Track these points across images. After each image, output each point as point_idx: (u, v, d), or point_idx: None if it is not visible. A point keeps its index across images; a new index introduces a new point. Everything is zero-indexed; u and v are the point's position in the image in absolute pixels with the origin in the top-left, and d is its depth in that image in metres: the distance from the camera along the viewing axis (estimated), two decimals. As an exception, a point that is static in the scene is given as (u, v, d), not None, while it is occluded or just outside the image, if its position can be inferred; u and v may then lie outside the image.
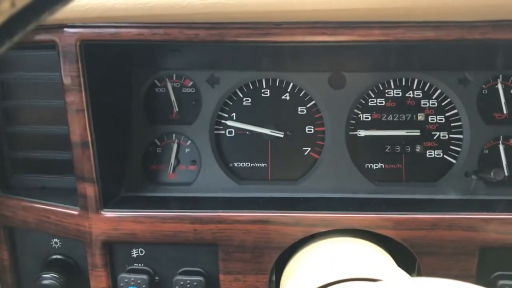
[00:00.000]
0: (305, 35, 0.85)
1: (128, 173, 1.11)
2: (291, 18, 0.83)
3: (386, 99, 1.15)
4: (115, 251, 1.00)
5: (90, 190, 0.95)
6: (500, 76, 1.12)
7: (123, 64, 1.08)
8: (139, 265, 1.00)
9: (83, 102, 0.90)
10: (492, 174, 1.01)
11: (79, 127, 0.92)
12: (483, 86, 1.12)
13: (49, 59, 0.95)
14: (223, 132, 1.16)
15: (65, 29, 0.87)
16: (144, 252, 1.00)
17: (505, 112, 1.12)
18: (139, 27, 0.86)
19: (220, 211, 0.96)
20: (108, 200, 0.99)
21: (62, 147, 1.01)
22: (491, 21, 0.82)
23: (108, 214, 0.96)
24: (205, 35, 0.85)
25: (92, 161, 0.94)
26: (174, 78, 1.15)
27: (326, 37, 0.85)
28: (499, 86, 1.12)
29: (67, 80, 0.90)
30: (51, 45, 0.90)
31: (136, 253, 1.00)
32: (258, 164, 1.15)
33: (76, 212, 0.98)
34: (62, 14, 0.82)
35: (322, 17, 0.83)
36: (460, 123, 1.13)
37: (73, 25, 0.87)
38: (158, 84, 1.15)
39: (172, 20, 0.84)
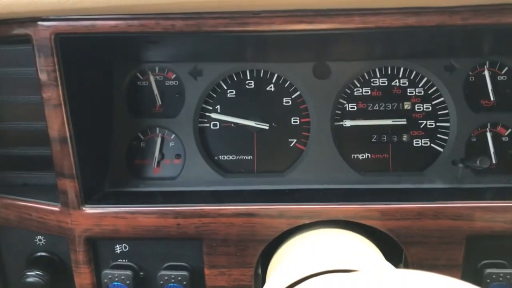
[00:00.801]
0: (284, 24, 0.83)
1: (111, 168, 1.10)
2: (269, 7, 0.81)
3: (372, 88, 1.13)
4: (98, 247, 0.99)
5: (70, 186, 0.94)
6: (487, 63, 1.11)
7: (102, 58, 1.07)
8: (123, 260, 0.99)
9: (60, 97, 0.89)
10: (478, 162, 1.00)
11: (57, 123, 0.90)
12: (470, 73, 1.11)
13: (26, 54, 0.93)
14: (208, 125, 1.14)
15: (39, 23, 0.85)
16: (127, 247, 0.98)
17: (492, 99, 1.11)
18: (114, 19, 0.84)
19: (203, 204, 0.94)
20: (89, 196, 0.98)
21: (43, 143, 0.99)
22: (472, 6, 0.81)
23: (90, 210, 0.95)
24: (182, 25, 0.83)
25: (72, 157, 0.92)
26: (157, 71, 1.14)
27: (305, 26, 0.83)
28: (486, 73, 1.10)
29: (43, 75, 0.88)
30: (27, 40, 0.88)
31: (119, 249, 0.99)
32: (244, 157, 1.14)
33: (57, 209, 0.96)
34: (35, 6, 0.81)
35: (301, 5, 0.81)
36: (447, 111, 1.12)
37: (47, 18, 0.85)
38: (141, 77, 1.14)
39: (148, 11, 0.82)
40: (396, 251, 0.95)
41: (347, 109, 1.13)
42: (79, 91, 0.94)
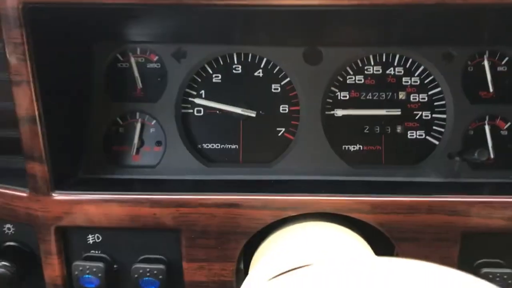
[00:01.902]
0: (272, -2, 0.77)
1: (87, 154, 1.04)
2: (255, -21, 0.76)
3: (365, 76, 1.07)
4: (69, 236, 0.93)
5: (39, 170, 0.88)
6: (487, 52, 1.05)
7: (79, 34, 1.00)
8: (96, 252, 0.93)
9: (28, 73, 0.82)
10: (476, 154, 0.95)
11: (25, 101, 0.84)
12: (469, 62, 1.06)
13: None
14: (191, 111, 1.08)
15: (6, -10, 0.79)
16: (101, 238, 0.92)
17: (491, 90, 1.05)
18: (88, -12, 0.78)
19: (182, 193, 0.89)
20: (60, 181, 0.92)
21: (11, 124, 0.92)
22: (474, -16, 0.75)
23: (60, 196, 0.89)
24: (161, -4, 0.77)
25: (41, 138, 0.86)
26: (138, 53, 1.07)
27: (294, 0, 0.77)
28: (485, 63, 1.05)
29: (9, 48, 0.81)
30: (-8, 10, 0.81)
31: (92, 239, 0.93)
32: (229, 146, 1.08)
33: (25, 194, 0.90)
34: (1, -28, 0.74)
35: (291, -22, 0.75)
36: (443, 102, 1.06)
37: (14, -14, 0.78)
38: (121, 59, 1.07)
39: (125, -20, 0.76)
40: (387, 248, 0.89)
41: (338, 98, 1.07)
42: (51, 68, 0.88)
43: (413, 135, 1.07)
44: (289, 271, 0.67)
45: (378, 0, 0.77)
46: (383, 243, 0.88)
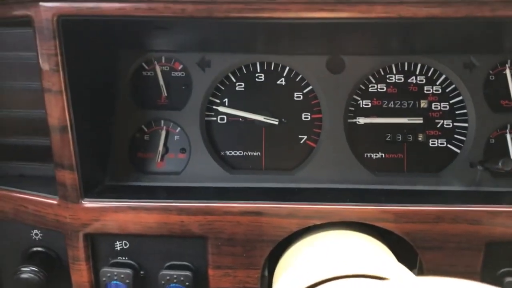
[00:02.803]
0: (302, 11, 0.78)
1: (113, 161, 1.05)
2: (286, -8, 0.77)
3: (387, 85, 1.08)
4: (97, 243, 0.94)
5: (69, 178, 0.89)
6: (508, 61, 1.06)
7: (107, 44, 1.02)
8: (123, 258, 0.94)
9: (61, 83, 0.84)
10: (500, 164, 0.95)
11: (56, 110, 0.86)
12: (490, 71, 1.06)
13: (26, 37, 0.88)
14: (215, 118, 1.10)
15: (41, 3, 0.80)
16: (128, 244, 0.94)
17: (513, 99, 1.06)
18: (120, 1, 0.79)
19: (209, 201, 0.90)
20: (89, 189, 0.93)
21: (42, 132, 0.94)
22: (502, -4, 0.76)
23: (89, 204, 0.90)
24: (193, 10, 0.78)
25: (72, 147, 0.87)
26: (163, 61, 1.09)
27: (324, 14, 0.78)
28: (507, 72, 1.06)
29: (43, 59, 0.83)
30: (27, 22, 0.83)
31: (120, 246, 0.94)
32: (251, 153, 1.09)
33: (55, 202, 0.92)
34: (37, -14, 0.76)
35: (320, -8, 0.77)
36: (465, 110, 1.07)
37: (49, -2, 0.80)
38: (146, 67, 1.09)
39: (157, -7, 0.78)
40: (410, 256, 0.90)
41: (361, 106, 1.08)
42: (81, 78, 0.90)
43: (434, 143, 1.08)
44: (318, 284, 0.68)
45: (407, 13, 0.77)
46: (405, 251, 0.89)
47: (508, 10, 0.76)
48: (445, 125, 1.08)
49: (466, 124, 1.07)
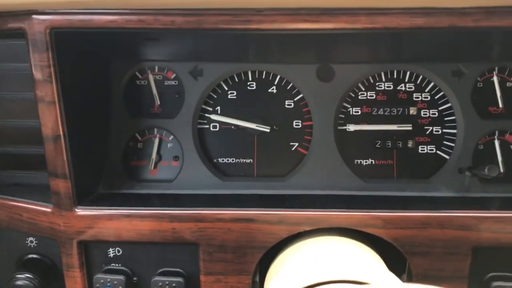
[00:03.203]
0: (288, 22, 0.80)
1: (107, 169, 1.07)
2: (272, 4, 0.78)
3: (377, 92, 1.10)
4: (91, 250, 0.95)
5: (63, 187, 0.91)
6: (496, 68, 1.08)
7: (100, 55, 1.03)
8: (116, 265, 0.96)
9: (54, 94, 0.86)
10: (486, 170, 0.97)
11: (50, 120, 0.87)
12: (478, 78, 1.08)
13: (19, 49, 0.90)
14: (207, 126, 1.11)
15: (34, 16, 0.82)
16: (121, 251, 0.95)
17: (500, 106, 1.08)
18: (112, 13, 0.81)
19: (200, 208, 0.91)
20: (83, 197, 0.95)
21: (36, 141, 0.96)
22: (484, 7, 0.77)
23: (83, 211, 0.92)
24: (182, 22, 0.80)
25: (65, 156, 0.89)
26: (156, 70, 1.11)
27: (309, 25, 0.80)
28: (495, 79, 1.07)
29: (37, 71, 0.85)
30: (21, 34, 0.85)
31: (113, 253, 0.95)
32: (243, 160, 1.11)
33: (49, 210, 0.93)
34: (30, -1, 0.78)
35: (305, 3, 0.78)
36: (454, 117, 1.08)
37: (42, 11, 0.82)
38: (139, 76, 1.11)
39: (147, 6, 0.79)
40: (399, 261, 0.91)
41: (351, 113, 1.10)
42: (74, 88, 0.91)
43: (424, 150, 1.09)
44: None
45: (391, 24, 0.79)
46: (395, 256, 0.91)
47: (490, 21, 0.78)
48: (434, 132, 1.09)
49: (455, 131, 1.08)
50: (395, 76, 1.10)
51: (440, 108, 1.09)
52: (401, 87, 1.10)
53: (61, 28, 0.82)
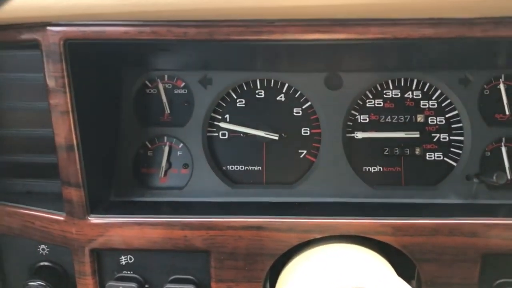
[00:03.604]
0: (299, 33, 0.81)
1: (118, 177, 1.08)
2: (284, 16, 0.80)
3: (384, 100, 1.11)
4: (103, 258, 0.96)
5: (76, 195, 0.92)
6: (502, 76, 1.08)
7: (112, 64, 1.05)
8: (128, 272, 0.97)
9: (67, 104, 0.87)
10: (494, 177, 0.98)
11: (63, 130, 0.88)
12: (485, 86, 1.09)
13: (33, 59, 0.91)
14: (216, 134, 1.12)
15: (48, 28, 0.83)
16: (133, 259, 0.96)
17: (507, 113, 1.08)
18: (125, 25, 0.82)
19: (211, 216, 0.92)
20: (95, 205, 0.96)
21: (48, 150, 0.97)
22: (492, 18, 0.79)
23: (95, 220, 0.93)
24: (194, 33, 0.81)
25: (78, 165, 0.90)
26: (166, 79, 1.12)
27: (320, 35, 0.81)
28: (501, 86, 1.08)
29: (51, 81, 0.86)
30: (35, 45, 0.86)
31: (125, 260, 0.96)
32: (252, 168, 1.12)
33: (62, 218, 0.94)
34: (44, 11, 0.79)
35: (317, 14, 0.79)
36: (460, 124, 1.09)
37: (56, 23, 0.83)
38: (149, 85, 1.12)
39: (160, 18, 0.81)
40: (409, 267, 0.92)
41: (358, 121, 1.11)
42: (87, 98, 0.93)
43: (431, 157, 1.10)
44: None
45: (401, 34, 0.80)
46: (404, 262, 0.91)
47: (498, 31, 0.79)
48: (441, 139, 1.10)
49: (462, 138, 1.09)
50: (402, 84, 1.11)
51: (447, 116, 1.10)
52: (409, 94, 1.11)
53: (75, 39, 0.83)
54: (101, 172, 1.02)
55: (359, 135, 1.10)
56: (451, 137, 1.10)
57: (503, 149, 1.08)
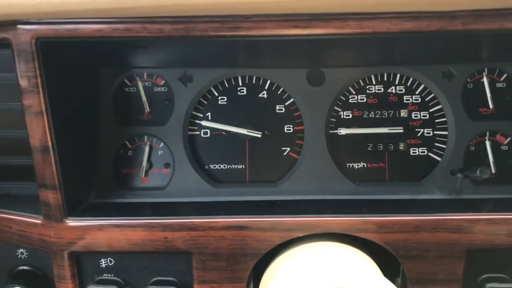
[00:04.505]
0: (277, 28, 0.80)
1: (97, 178, 1.06)
2: (261, 10, 0.78)
3: (367, 96, 1.10)
4: (82, 261, 0.94)
5: (53, 198, 0.90)
6: (486, 69, 1.08)
7: (88, 63, 1.02)
8: (109, 275, 0.95)
9: (41, 104, 0.84)
10: (478, 172, 0.97)
11: (38, 131, 0.86)
12: (468, 80, 1.08)
13: (5, 59, 0.88)
14: (198, 132, 1.10)
15: (19, 26, 0.81)
16: (113, 261, 0.94)
17: (491, 106, 1.08)
18: (98, 22, 0.80)
19: (193, 217, 0.90)
20: (73, 207, 0.94)
21: (25, 152, 0.94)
22: (472, 11, 0.77)
23: (73, 222, 0.91)
24: (170, 30, 0.79)
25: (54, 167, 0.88)
26: (145, 77, 1.10)
27: (299, 31, 0.79)
28: (485, 80, 1.08)
29: (23, 81, 0.84)
30: (6, 44, 0.83)
31: (105, 263, 0.94)
32: (235, 166, 1.10)
33: (39, 221, 0.92)
34: (15, 9, 0.77)
35: (295, 9, 0.78)
36: (444, 119, 1.09)
37: (27, 21, 0.80)
38: (128, 84, 1.10)
39: (134, 14, 0.78)
40: (394, 264, 0.91)
41: (342, 117, 1.10)
42: (62, 98, 0.90)
43: (415, 152, 1.09)
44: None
45: (381, 28, 0.79)
46: (389, 259, 0.90)
47: (478, 24, 0.78)
48: (425, 134, 1.09)
49: (446, 132, 1.08)
50: (385, 79, 1.10)
51: (430, 110, 1.09)
52: (392, 89, 1.10)
53: (47, 38, 0.81)
54: (80, 173, 1.00)
55: (343, 131, 1.09)
56: (435, 132, 1.09)
57: (487, 143, 1.07)
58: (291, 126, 1.10)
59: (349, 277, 0.76)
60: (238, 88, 1.10)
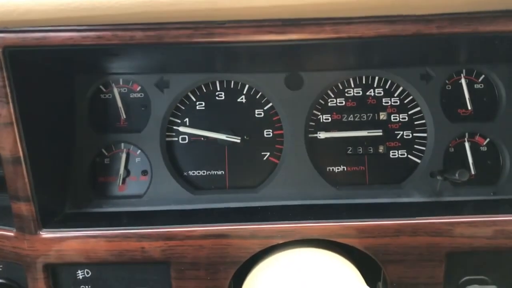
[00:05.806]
0: (251, 34, 0.78)
1: (73, 188, 1.03)
2: (235, 16, 0.76)
3: (346, 99, 1.09)
4: (58, 273, 0.92)
5: (26, 210, 0.87)
6: (464, 71, 1.08)
7: (62, 70, 1.00)
8: (86, 287, 0.93)
9: (11, 115, 0.82)
10: (456, 175, 0.97)
11: (8, 143, 0.84)
12: (446, 81, 1.08)
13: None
14: (176, 139, 1.09)
15: (-15, 35, 0.78)
16: (90, 273, 0.92)
17: (469, 108, 1.08)
18: (68, 30, 0.78)
19: (170, 226, 0.89)
20: (48, 219, 0.91)
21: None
22: (448, 14, 0.77)
23: (48, 234, 0.89)
24: (142, 37, 0.78)
25: (26, 179, 0.86)
26: (121, 83, 1.08)
27: (273, 36, 0.78)
28: (463, 81, 1.08)
29: (-9, 91, 0.81)
30: (-27, 54, 0.81)
31: (81, 275, 0.92)
32: (215, 172, 1.09)
33: (12, 234, 0.90)
34: (-20, 18, 0.74)
35: (269, 14, 0.76)
36: (423, 121, 1.08)
37: (-6, 30, 0.78)
38: (104, 90, 1.08)
39: (104, 22, 0.76)
40: (375, 269, 0.91)
41: (321, 121, 1.09)
42: (34, 107, 0.88)
43: (395, 155, 1.09)
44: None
45: (356, 33, 0.78)
46: (370, 263, 0.90)
47: (454, 28, 0.78)
48: (404, 136, 1.09)
49: (425, 134, 1.08)
50: (364, 82, 1.09)
51: (409, 112, 1.09)
52: (370, 92, 1.09)
53: (14, 46, 0.79)
54: (54, 183, 0.97)
55: (322, 135, 1.08)
56: (414, 134, 1.09)
57: (467, 145, 1.07)
58: (271, 130, 1.09)
59: (329, 284, 0.75)
60: (216, 93, 1.09)
